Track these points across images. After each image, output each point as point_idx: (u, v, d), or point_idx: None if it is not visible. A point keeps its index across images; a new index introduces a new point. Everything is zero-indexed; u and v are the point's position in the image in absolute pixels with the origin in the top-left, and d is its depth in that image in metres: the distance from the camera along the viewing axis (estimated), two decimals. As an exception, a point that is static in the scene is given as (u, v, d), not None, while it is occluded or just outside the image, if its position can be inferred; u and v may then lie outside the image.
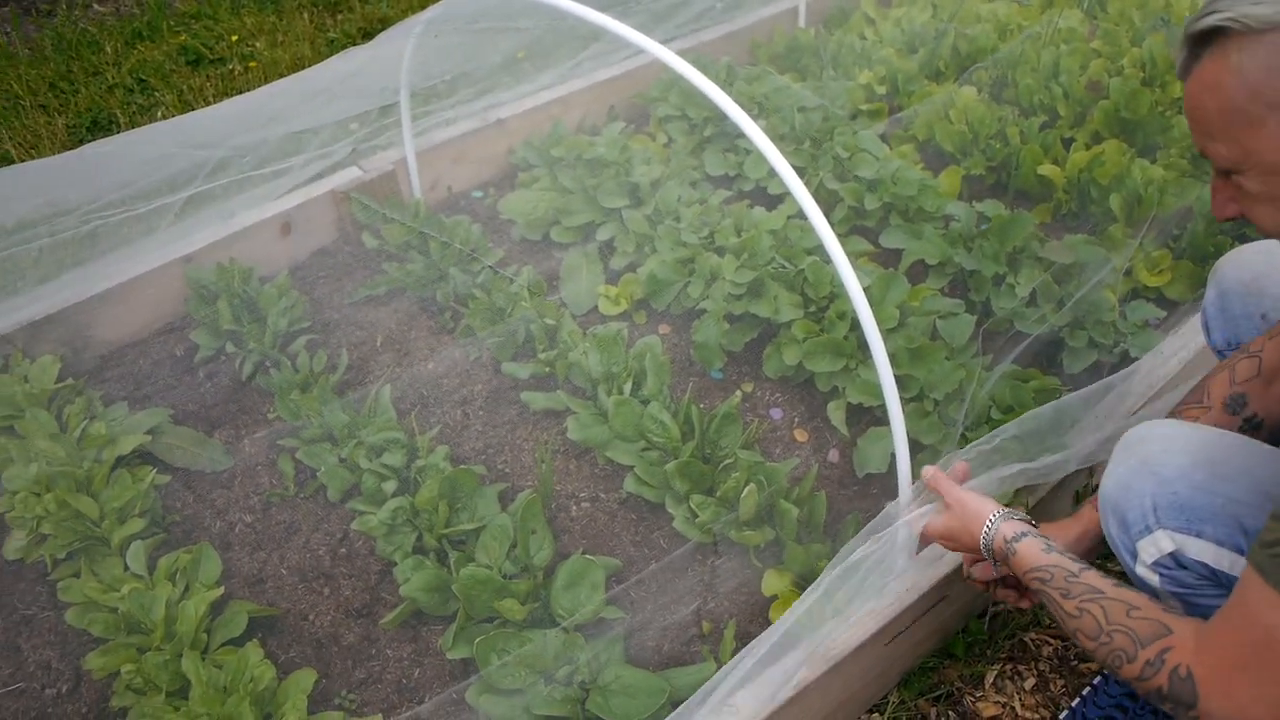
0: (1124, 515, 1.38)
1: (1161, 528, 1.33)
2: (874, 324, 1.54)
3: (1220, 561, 1.29)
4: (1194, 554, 1.31)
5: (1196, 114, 1.11)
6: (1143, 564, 1.36)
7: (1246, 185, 1.10)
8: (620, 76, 3.29)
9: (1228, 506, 1.29)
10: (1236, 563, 1.28)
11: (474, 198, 3.04)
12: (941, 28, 3.50)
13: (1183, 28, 1.11)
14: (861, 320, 1.53)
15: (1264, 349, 1.57)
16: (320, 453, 2.19)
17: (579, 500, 2.14)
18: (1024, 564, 1.41)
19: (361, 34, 4.49)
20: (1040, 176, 2.80)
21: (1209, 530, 1.30)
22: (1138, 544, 1.36)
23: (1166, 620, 1.21)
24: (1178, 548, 1.32)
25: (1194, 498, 1.31)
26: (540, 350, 2.39)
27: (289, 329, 2.49)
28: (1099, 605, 1.28)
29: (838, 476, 2.18)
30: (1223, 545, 1.29)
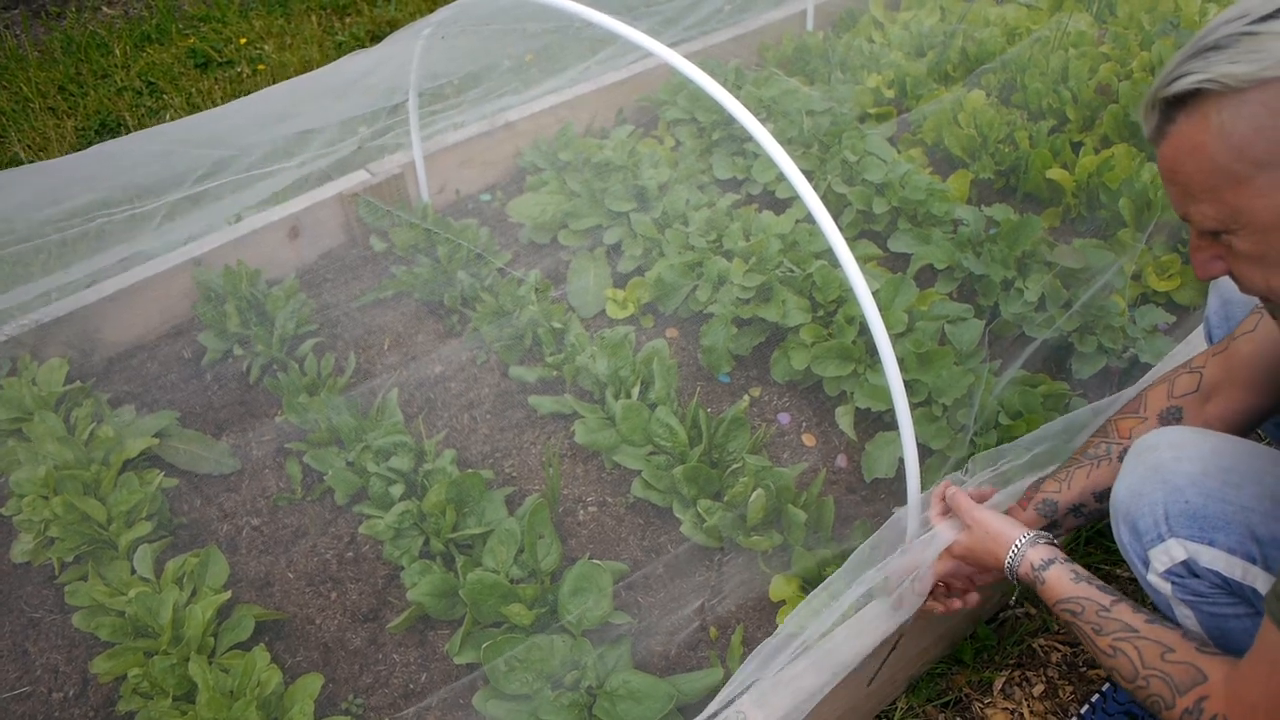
0: (1135, 523, 1.37)
1: (1174, 536, 1.33)
2: (883, 328, 1.53)
3: (1233, 570, 1.29)
4: (1206, 562, 1.30)
5: (1176, 176, 1.08)
6: (1155, 572, 1.36)
7: (1236, 245, 1.08)
8: (628, 80, 3.29)
9: (1239, 514, 1.29)
10: (1249, 571, 1.28)
11: (482, 200, 3.04)
12: (950, 31, 3.49)
13: (1149, 93, 1.07)
14: (871, 325, 1.52)
15: (1206, 365, 1.57)
16: (327, 456, 2.19)
17: (586, 504, 2.13)
18: (1053, 594, 1.40)
19: (370, 37, 4.49)
20: (1049, 180, 2.79)
21: (1221, 539, 1.29)
22: (1150, 552, 1.36)
23: (1200, 664, 1.22)
24: (1190, 556, 1.31)
25: (1206, 506, 1.31)
26: (547, 354, 2.39)
27: (296, 332, 2.49)
28: (1133, 646, 1.29)
29: (846, 481, 2.17)
30: (1234, 554, 1.29)
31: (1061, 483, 1.60)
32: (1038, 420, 2.03)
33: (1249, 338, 1.51)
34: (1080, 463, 1.61)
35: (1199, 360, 1.59)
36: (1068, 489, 1.59)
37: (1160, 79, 1.06)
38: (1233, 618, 1.32)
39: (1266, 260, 1.07)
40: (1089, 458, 1.60)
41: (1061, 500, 1.59)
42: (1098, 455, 1.59)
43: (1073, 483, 1.59)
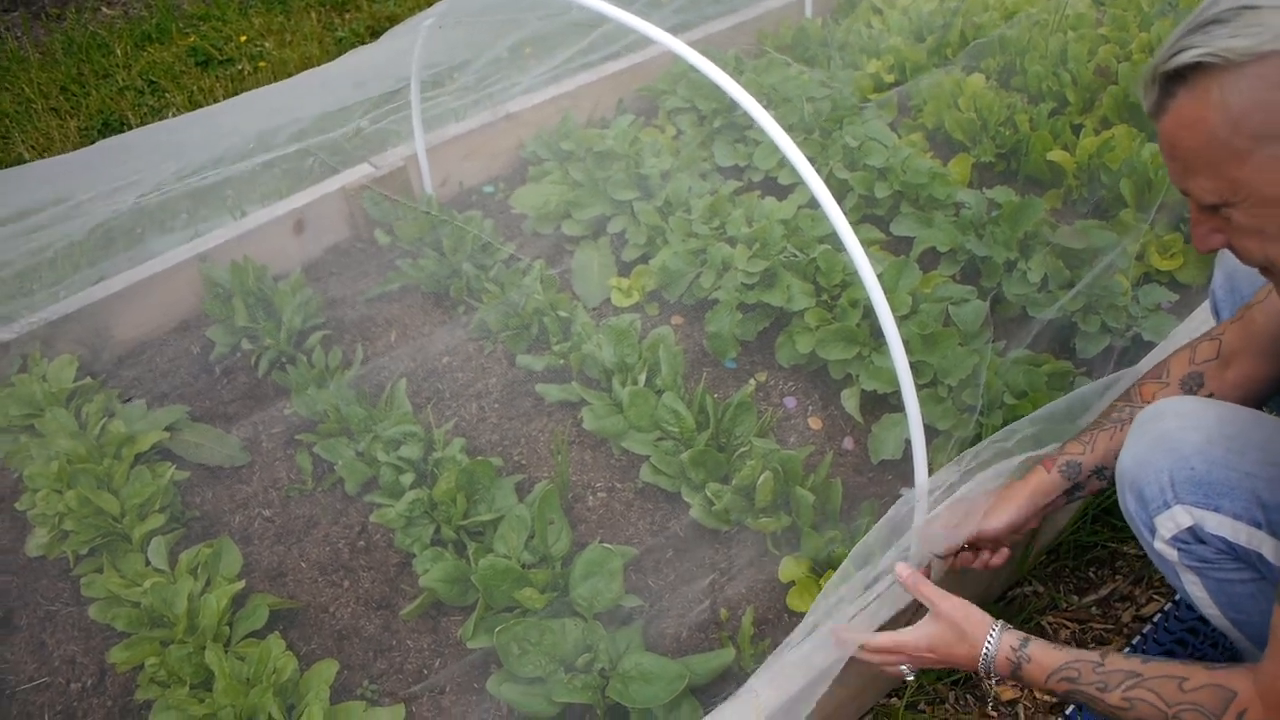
0: (1141, 491, 1.39)
1: (1180, 503, 1.34)
2: (889, 310, 1.54)
3: (1238, 535, 1.31)
4: (1212, 529, 1.32)
5: (1175, 151, 1.09)
6: (1161, 539, 1.38)
7: (1235, 218, 1.09)
8: (628, 69, 3.30)
9: (1244, 481, 1.31)
10: (1254, 536, 1.30)
11: (485, 192, 3.05)
12: (949, 14, 3.50)
13: (1148, 68, 1.09)
14: (876, 306, 1.53)
15: (1226, 332, 1.59)
16: (337, 447, 2.21)
17: (595, 490, 2.15)
18: (1043, 669, 1.38)
19: (370, 32, 4.50)
20: (1050, 163, 2.80)
21: (1226, 505, 1.31)
22: (1156, 519, 1.38)
23: (1222, 681, 1.23)
24: (1196, 522, 1.33)
25: (1211, 473, 1.33)
26: (554, 342, 2.40)
27: (304, 325, 2.51)
28: (1146, 689, 1.28)
29: (853, 463, 2.19)
30: (1240, 519, 1.31)
31: (1085, 445, 1.61)
32: (1042, 399, 2.04)
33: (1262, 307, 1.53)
34: (1103, 425, 1.62)
35: (1220, 328, 1.60)
36: (1091, 451, 1.60)
37: (1160, 53, 1.07)
38: (1239, 583, 1.35)
39: (1265, 233, 1.08)
40: (1112, 421, 1.61)
41: (1085, 462, 1.60)
42: (1120, 419, 1.60)
43: (1096, 445, 1.60)
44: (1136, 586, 2.06)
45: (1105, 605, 2.04)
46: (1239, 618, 1.41)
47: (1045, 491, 1.62)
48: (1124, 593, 2.06)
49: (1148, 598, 2.04)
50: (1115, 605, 2.04)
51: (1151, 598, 2.04)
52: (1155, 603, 2.03)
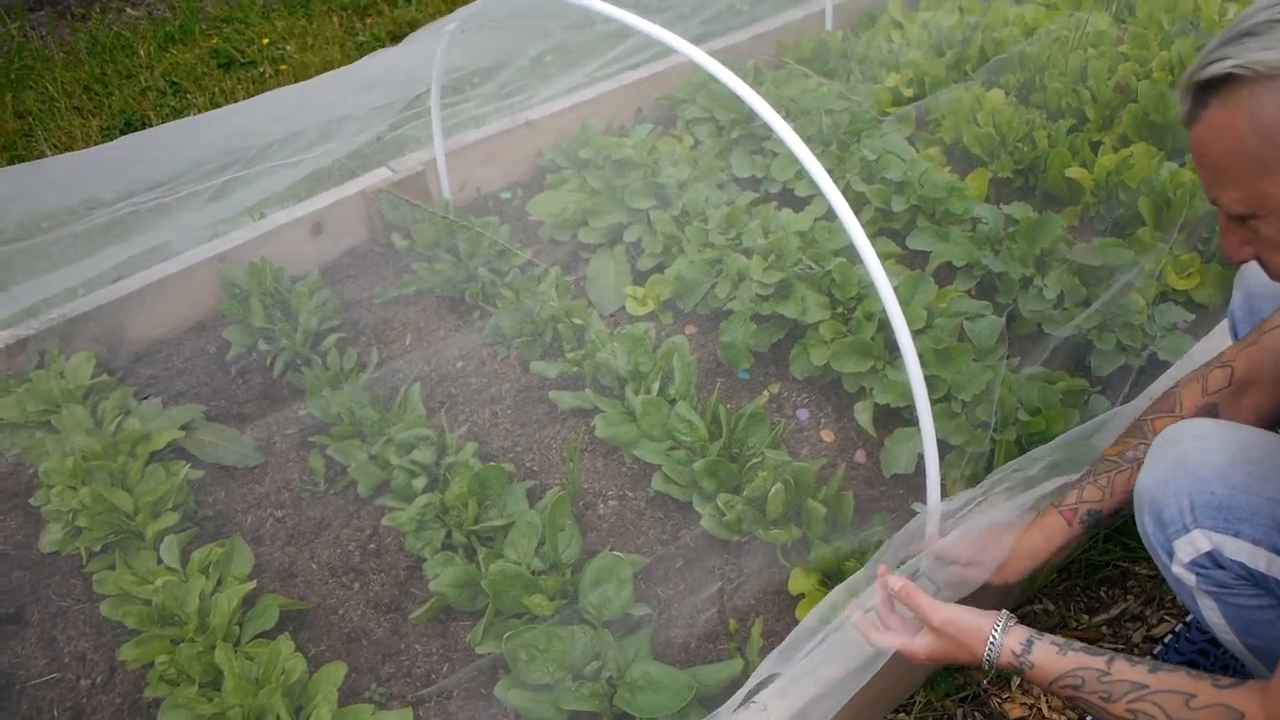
0: (1160, 514, 1.38)
1: (1199, 527, 1.33)
2: (904, 323, 1.54)
3: (1257, 561, 1.30)
4: (1231, 553, 1.31)
5: (1206, 161, 1.10)
6: (1179, 563, 1.36)
7: (1263, 230, 1.09)
8: (648, 78, 3.31)
9: (1265, 505, 1.29)
10: (1274, 562, 1.29)
11: (503, 199, 3.06)
12: (969, 30, 3.50)
13: (1184, 77, 1.09)
14: (892, 319, 1.53)
15: (1236, 359, 1.57)
16: (350, 449, 2.22)
17: (606, 498, 2.15)
18: (1046, 674, 1.36)
19: (390, 37, 4.53)
20: (1068, 179, 2.79)
21: (1246, 530, 1.30)
22: (1174, 543, 1.36)
23: (1229, 701, 1.21)
24: (1215, 547, 1.32)
25: (1231, 497, 1.31)
26: (568, 350, 2.41)
27: (320, 327, 2.52)
28: (1152, 704, 1.26)
29: (864, 476, 2.19)
30: (1260, 544, 1.29)
31: (1104, 490, 1.58)
32: (1056, 417, 2.04)
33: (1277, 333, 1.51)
34: (1120, 466, 1.59)
35: (1229, 354, 1.59)
36: (1110, 497, 1.57)
37: (1195, 63, 1.07)
38: (1256, 609, 1.33)
39: None
40: (1127, 460, 1.59)
41: (1105, 509, 1.58)
42: (1136, 458, 1.57)
43: (1114, 490, 1.57)
44: (1148, 607, 2.05)
45: (1116, 625, 2.03)
46: (1256, 644, 1.39)
47: (1064, 543, 1.61)
48: (1135, 613, 2.05)
49: (1159, 618, 2.03)
50: (1126, 625, 2.03)
51: (1163, 618, 2.03)
52: (1166, 623, 2.02)
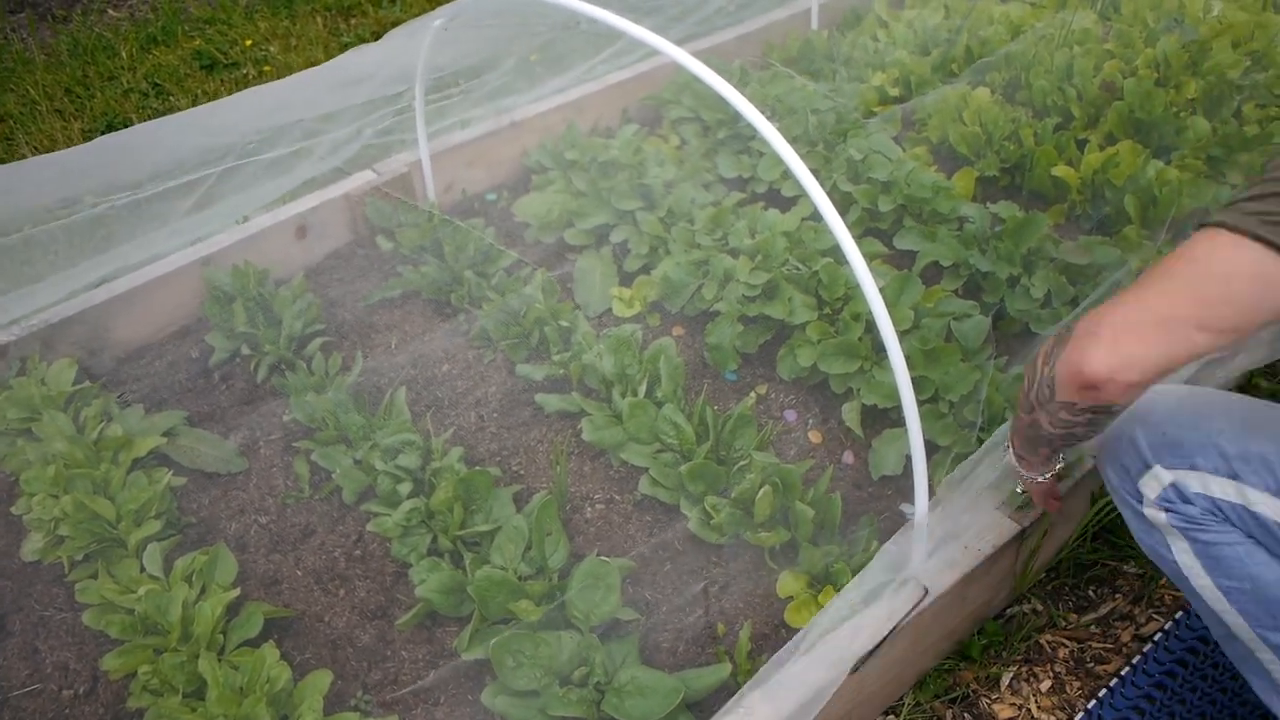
0: (1120, 461, 1.47)
1: (1158, 463, 1.42)
2: (890, 324, 1.54)
3: (1211, 489, 1.38)
4: (1195, 488, 1.39)
5: None
6: (1149, 503, 1.44)
7: None
8: (633, 79, 3.30)
9: (1211, 437, 1.39)
10: (1227, 487, 1.38)
11: (488, 200, 3.05)
12: (954, 28, 3.49)
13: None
14: (878, 321, 1.53)
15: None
16: (335, 455, 2.20)
17: (594, 502, 2.14)
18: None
19: (375, 37, 4.50)
20: (1054, 178, 2.79)
21: (1201, 462, 1.39)
22: (1139, 483, 1.44)
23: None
24: (1175, 480, 1.40)
25: (1181, 435, 1.41)
26: (554, 352, 2.40)
27: (304, 331, 2.50)
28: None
29: (852, 478, 2.18)
30: (1215, 474, 1.38)
31: None
32: (1044, 416, 2.03)
33: None
34: None
35: None
36: None
37: None
38: (1225, 545, 1.40)
39: None
40: None
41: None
42: None
43: None
44: (1136, 606, 2.05)
45: (1105, 624, 2.03)
46: (1229, 584, 1.42)
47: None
48: (1124, 612, 2.05)
49: (1147, 617, 2.03)
50: (1115, 624, 2.03)
51: (1151, 617, 2.03)
52: (1155, 622, 2.02)
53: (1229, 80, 3.07)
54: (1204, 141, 2.83)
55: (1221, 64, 3.12)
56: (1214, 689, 1.88)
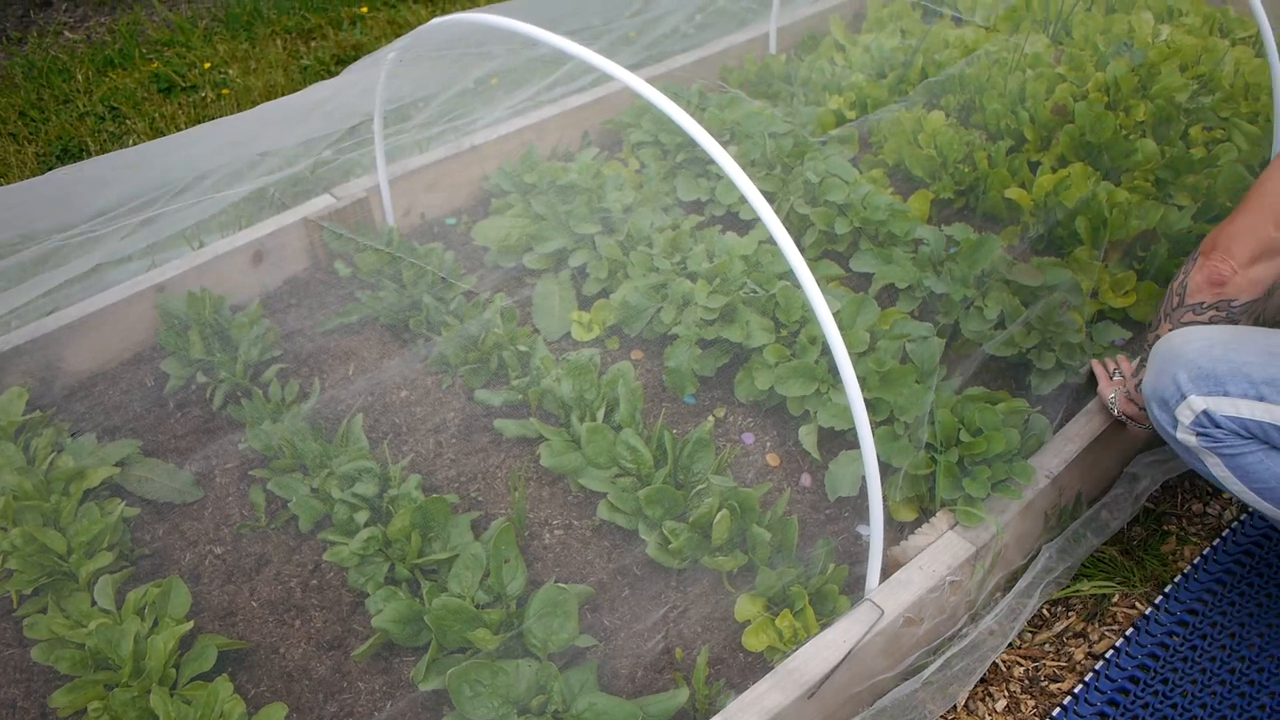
0: (1162, 396, 1.78)
1: (1194, 393, 1.72)
2: (843, 348, 1.56)
3: (1241, 410, 1.69)
4: (1224, 411, 1.70)
5: None
6: (1183, 428, 1.75)
7: None
8: (593, 103, 3.31)
9: (1241, 367, 1.69)
10: (1255, 408, 1.68)
11: (447, 224, 3.04)
12: (910, 52, 3.54)
13: None
14: (831, 345, 1.55)
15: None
16: (291, 483, 2.18)
17: (552, 528, 2.13)
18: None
19: (335, 60, 4.49)
20: (1008, 200, 2.83)
21: (1231, 388, 1.69)
22: (1176, 412, 1.75)
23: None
24: (1208, 407, 1.71)
25: (1214, 367, 1.71)
26: (513, 377, 2.39)
27: (260, 358, 2.48)
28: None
29: (810, 500, 2.19)
30: (1244, 397, 1.68)
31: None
32: (998, 437, 2.05)
33: None
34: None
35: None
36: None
37: None
38: (1248, 454, 1.72)
39: None
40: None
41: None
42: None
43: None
44: (1089, 624, 2.08)
45: (1059, 643, 2.05)
46: (1259, 486, 1.75)
47: None
48: (1077, 630, 2.07)
49: (1100, 635, 2.06)
50: (1069, 642, 2.05)
51: (1104, 635, 2.06)
52: (1107, 640, 2.04)
53: (1177, 103, 3.13)
54: (1152, 164, 2.89)
55: (1169, 87, 3.19)
56: (1165, 705, 1.90)
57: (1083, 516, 2.16)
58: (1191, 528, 2.28)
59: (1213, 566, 2.18)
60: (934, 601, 1.86)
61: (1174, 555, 2.21)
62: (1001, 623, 2.01)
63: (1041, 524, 2.11)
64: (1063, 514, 2.15)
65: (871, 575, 1.83)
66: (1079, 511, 2.18)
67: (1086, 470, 2.16)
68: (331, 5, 5.01)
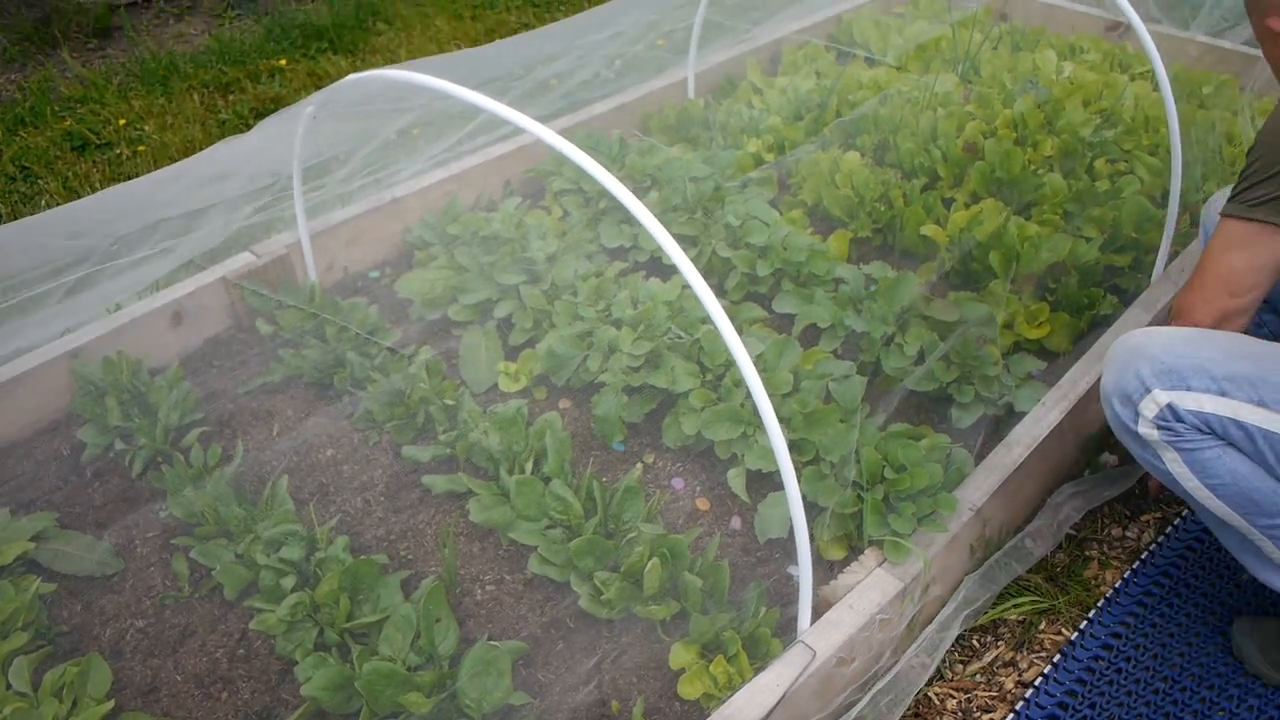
0: (1124, 391, 1.80)
1: (1158, 387, 1.74)
2: (764, 393, 1.58)
3: (1203, 405, 1.72)
4: (1186, 405, 1.72)
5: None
6: (1145, 421, 1.77)
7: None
8: (515, 151, 3.33)
9: (1203, 364, 1.73)
10: (1217, 403, 1.72)
11: (370, 278, 3.03)
12: (825, 93, 3.62)
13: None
14: (751, 390, 1.57)
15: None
16: (215, 550, 2.14)
17: (484, 583, 2.12)
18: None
19: (254, 114, 4.46)
20: (924, 236, 2.90)
21: (1194, 383, 1.73)
22: (1139, 406, 1.77)
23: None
24: (1171, 401, 1.73)
25: (1177, 363, 1.74)
26: (440, 432, 2.38)
27: (181, 422, 2.44)
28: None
29: (740, 543, 2.20)
30: (1206, 392, 1.72)
31: None
32: (921, 473, 2.09)
33: None
34: None
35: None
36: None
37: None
38: (1206, 450, 1.75)
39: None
40: None
41: None
42: None
43: None
44: (1018, 652, 2.11)
45: (989, 673, 2.08)
46: (1214, 482, 1.77)
47: None
48: (1006, 659, 2.11)
49: (1029, 663, 2.09)
50: (999, 672, 2.09)
51: (1032, 662, 2.09)
52: (1036, 667, 2.08)
53: (1081, 138, 3.25)
54: (1060, 197, 2.99)
55: (1073, 123, 3.31)
56: (1094, 731, 1.94)
57: (1006, 546, 2.20)
58: (1112, 551, 2.34)
59: (1134, 589, 2.23)
60: (864, 640, 1.88)
61: (1097, 580, 2.27)
62: (926, 655, 2.04)
63: (967, 556, 2.15)
64: (988, 545, 2.19)
65: (803, 616, 1.84)
66: (1004, 541, 2.22)
67: (1008, 500, 2.20)
68: (249, 58, 4.98)
